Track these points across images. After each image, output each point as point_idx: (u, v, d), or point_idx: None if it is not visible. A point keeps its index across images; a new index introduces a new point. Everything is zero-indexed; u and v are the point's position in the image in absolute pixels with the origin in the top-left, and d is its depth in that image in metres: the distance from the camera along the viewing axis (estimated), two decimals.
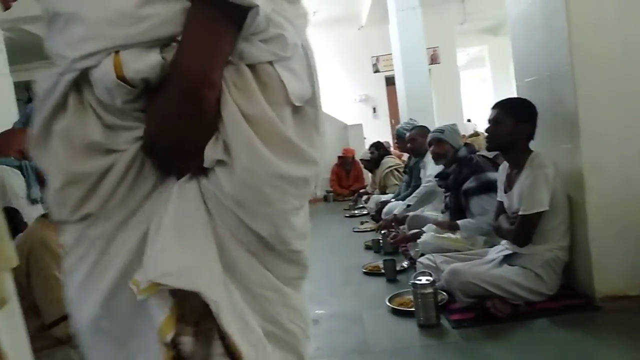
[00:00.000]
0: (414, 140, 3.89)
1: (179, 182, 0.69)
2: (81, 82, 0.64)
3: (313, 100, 0.79)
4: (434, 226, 2.90)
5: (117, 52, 0.61)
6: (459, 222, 2.67)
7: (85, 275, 0.70)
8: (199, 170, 0.70)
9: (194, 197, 0.70)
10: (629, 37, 2.08)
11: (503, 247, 2.25)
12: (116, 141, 0.67)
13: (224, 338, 0.68)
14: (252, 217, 0.72)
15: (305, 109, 0.77)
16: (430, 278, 2.07)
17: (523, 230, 2.12)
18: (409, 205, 3.56)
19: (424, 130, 3.80)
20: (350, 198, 6.43)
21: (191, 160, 0.69)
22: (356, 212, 5.54)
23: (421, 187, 3.63)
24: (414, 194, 3.65)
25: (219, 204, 0.71)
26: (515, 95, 2.55)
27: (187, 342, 0.67)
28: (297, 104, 0.74)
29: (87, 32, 0.61)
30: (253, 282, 0.76)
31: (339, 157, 7.18)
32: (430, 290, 1.99)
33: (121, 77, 0.60)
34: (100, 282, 0.69)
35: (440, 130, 2.98)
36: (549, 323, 1.93)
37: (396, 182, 5.31)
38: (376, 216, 4.46)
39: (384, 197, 4.79)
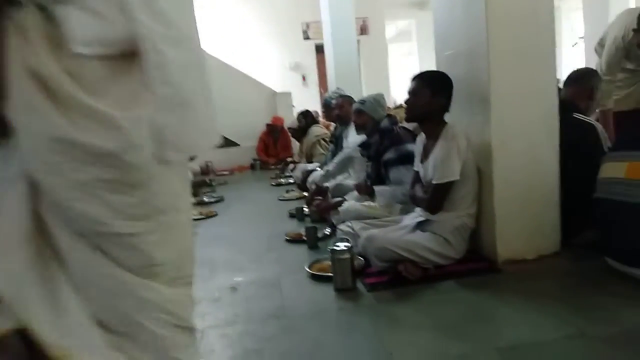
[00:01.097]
0: (342, 108, 3.92)
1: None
2: None
3: (141, 46, 0.66)
4: (356, 194, 2.97)
5: None
6: (375, 187, 2.77)
7: None
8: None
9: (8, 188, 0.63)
10: (542, 20, 2.20)
11: (417, 214, 2.36)
12: None
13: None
14: (51, 191, 0.64)
15: (133, 59, 0.66)
16: (348, 244, 2.12)
17: (435, 198, 2.23)
18: (327, 171, 3.62)
19: (351, 99, 3.85)
20: (278, 167, 6.40)
21: None
22: (282, 180, 5.54)
23: (340, 154, 3.69)
24: (333, 160, 3.71)
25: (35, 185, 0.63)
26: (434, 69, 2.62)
27: None
28: (97, 51, 0.63)
29: None
30: (89, 270, 0.70)
31: (267, 125, 7.07)
32: (347, 255, 2.04)
33: None
34: None
35: (362, 102, 3.01)
36: (456, 285, 2.06)
37: (323, 152, 5.36)
38: (302, 185, 4.49)
39: (310, 166, 4.81)
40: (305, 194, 4.06)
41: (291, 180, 5.30)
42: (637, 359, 1.38)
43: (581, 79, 2.65)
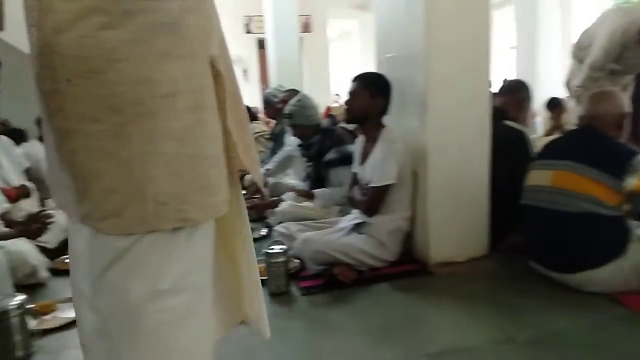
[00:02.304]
0: (286, 102, 3.84)
1: None
2: None
3: None
4: (293, 194, 2.92)
5: None
6: (315, 191, 2.73)
7: None
8: None
9: None
10: (479, 29, 2.25)
11: (354, 217, 2.35)
12: None
13: None
14: None
15: None
16: (284, 247, 2.07)
17: (373, 201, 2.22)
18: (268, 169, 3.54)
19: (297, 93, 3.76)
20: None
21: None
22: None
23: (280, 152, 3.62)
24: (273, 159, 3.64)
25: None
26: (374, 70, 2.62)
27: None
28: None
29: None
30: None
31: None
32: (281, 259, 1.98)
33: None
34: None
35: (289, 116, 2.87)
36: (389, 287, 2.07)
37: (262, 149, 5.25)
38: (240, 182, 4.37)
39: None
40: (244, 192, 3.95)
41: None
42: None
43: (513, 90, 2.75)
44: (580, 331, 1.60)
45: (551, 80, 7.45)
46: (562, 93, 5.23)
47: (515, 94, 2.70)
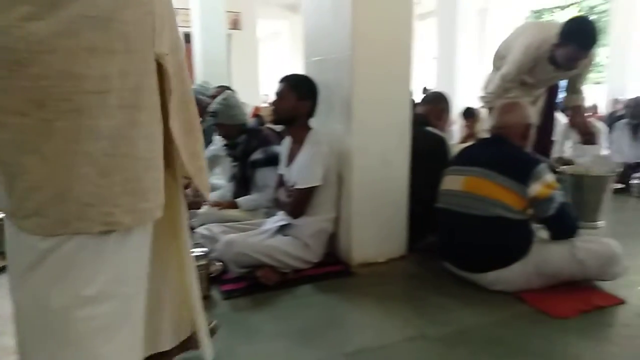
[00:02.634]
0: (215, 98, 3.73)
1: None
2: None
3: None
4: (218, 193, 2.84)
5: None
6: (238, 200, 2.67)
7: None
8: None
9: None
10: (402, 37, 2.33)
11: (279, 218, 2.34)
12: None
13: None
14: None
15: None
16: (205, 249, 2.01)
17: (298, 203, 2.23)
18: None
19: (228, 89, 3.67)
20: None
21: None
22: None
23: (206, 151, 3.51)
24: None
25: None
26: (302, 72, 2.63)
27: None
28: None
29: None
30: None
31: None
32: (202, 262, 1.93)
33: None
34: None
35: (214, 114, 2.77)
36: (312, 289, 2.09)
37: None
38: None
39: None
40: None
41: None
42: (471, 357, 1.53)
43: (435, 100, 2.91)
44: (487, 327, 1.71)
45: (468, 90, 7.94)
46: (477, 103, 5.59)
47: (436, 104, 2.86)
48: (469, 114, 5.97)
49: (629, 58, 8.75)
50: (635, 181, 4.05)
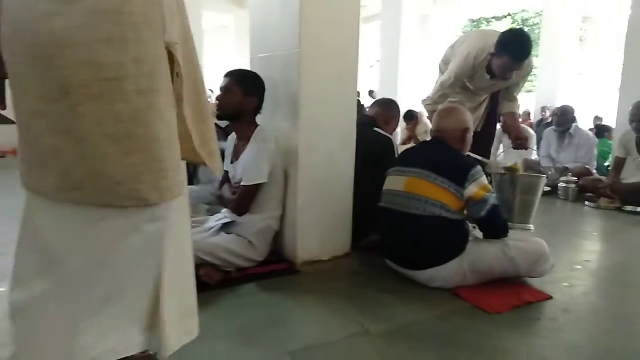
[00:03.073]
0: None
1: None
2: None
3: None
4: None
5: None
6: None
7: None
8: None
9: None
10: (348, 40, 2.35)
11: (223, 216, 2.30)
12: None
13: None
14: None
15: None
16: None
17: (243, 200, 2.20)
18: None
19: None
20: None
21: None
22: None
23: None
24: None
25: None
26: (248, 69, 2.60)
27: None
28: None
29: None
30: None
31: None
32: None
33: None
34: None
35: None
36: (256, 287, 2.06)
37: None
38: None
39: None
40: None
41: None
42: (411, 352, 1.57)
43: (386, 105, 2.95)
44: (426, 323, 1.77)
45: (410, 93, 8.19)
46: (418, 106, 5.77)
47: (387, 110, 2.91)
48: (410, 117, 6.15)
49: (558, 68, 9.41)
50: (562, 185, 4.35)
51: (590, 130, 6.13)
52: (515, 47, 2.78)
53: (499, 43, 2.81)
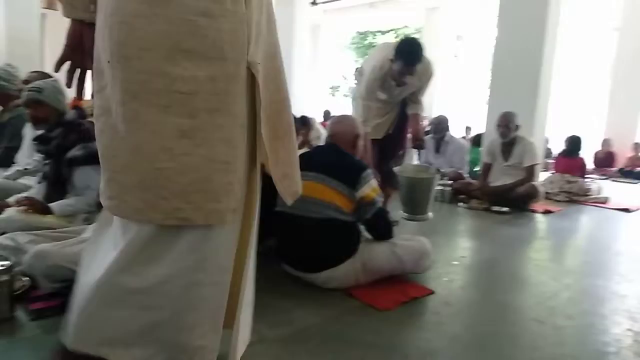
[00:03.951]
0: (27, 83, 3.17)
1: None
2: None
3: None
4: (20, 209, 2.39)
5: None
6: (53, 205, 2.31)
7: None
8: None
9: None
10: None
11: None
12: None
13: None
14: None
15: None
16: (7, 262, 1.69)
17: None
18: (27, 169, 2.89)
19: (48, 76, 3.14)
20: None
21: None
22: None
23: (23, 144, 3.01)
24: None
25: None
26: None
27: None
28: None
29: None
30: None
31: None
32: (4, 277, 1.62)
33: None
34: None
35: (38, 90, 2.41)
36: None
37: None
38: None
39: None
40: None
41: None
42: (307, 355, 1.57)
43: (297, 121, 2.96)
44: (322, 324, 1.79)
45: (303, 99, 8.35)
46: (310, 112, 5.89)
47: (298, 125, 2.93)
48: (303, 122, 6.24)
49: (435, 82, 10.27)
50: (439, 187, 4.73)
51: (463, 138, 6.78)
52: (406, 53, 3.04)
53: (394, 50, 3.07)
